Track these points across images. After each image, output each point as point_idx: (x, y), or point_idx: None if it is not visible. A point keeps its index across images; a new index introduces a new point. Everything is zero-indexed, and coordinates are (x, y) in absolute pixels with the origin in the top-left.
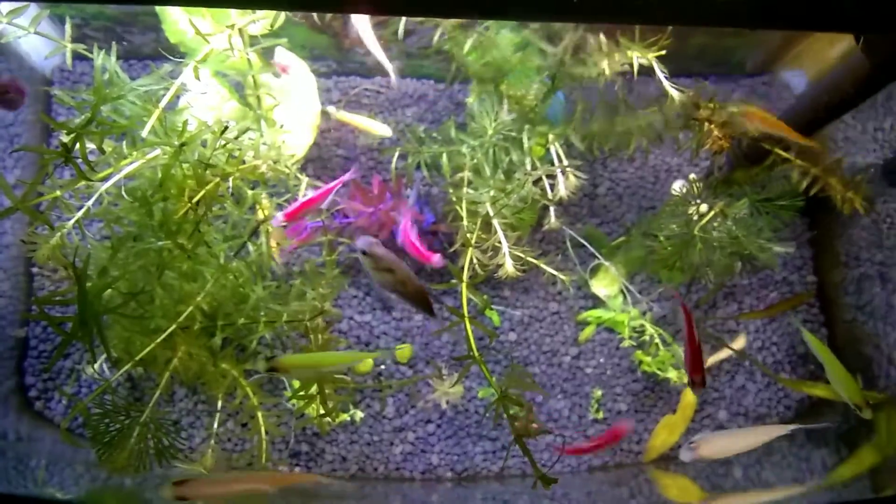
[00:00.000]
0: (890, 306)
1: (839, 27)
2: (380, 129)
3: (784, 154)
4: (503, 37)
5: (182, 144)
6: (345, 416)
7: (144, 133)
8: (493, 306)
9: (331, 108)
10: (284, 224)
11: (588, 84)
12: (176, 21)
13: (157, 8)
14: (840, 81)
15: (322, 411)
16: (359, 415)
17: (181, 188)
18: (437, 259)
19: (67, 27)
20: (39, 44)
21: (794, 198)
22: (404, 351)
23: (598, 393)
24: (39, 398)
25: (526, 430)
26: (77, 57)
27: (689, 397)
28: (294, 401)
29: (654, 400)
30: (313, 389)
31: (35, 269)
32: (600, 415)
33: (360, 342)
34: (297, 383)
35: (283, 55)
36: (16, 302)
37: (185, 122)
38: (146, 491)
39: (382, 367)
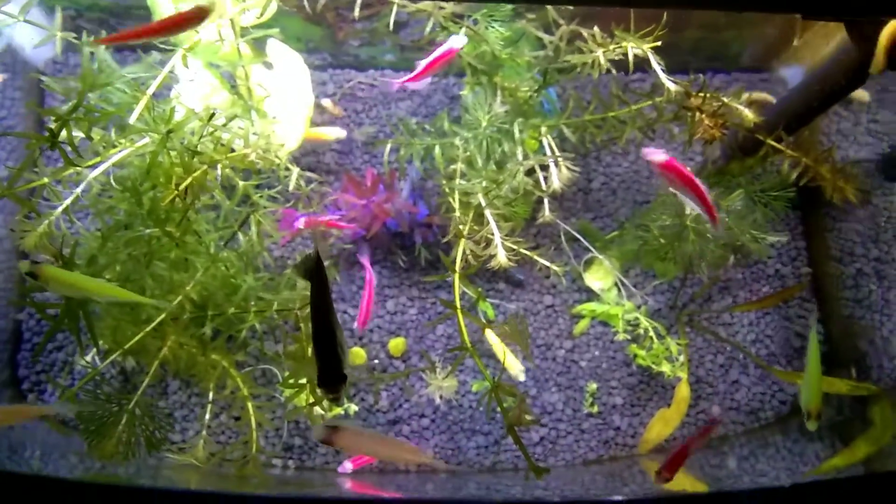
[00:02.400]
0: (886, 300)
1: (828, 12)
2: (334, 132)
3: (776, 145)
4: (494, 31)
5: (169, 131)
6: (338, 410)
7: (132, 120)
8: (487, 299)
9: (325, 102)
10: None
11: (581, 78)
12: (166, 12)
13: None
14: (832, 71)
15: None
16: (353, 408)
17: (169, 176)
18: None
19: (57, 15)
20: (32, 36)
21: (785, 189)
22: (398, 345)
23: (593, 386)
24: (32, 390)
25: (518, 420)
26: (70, 50)
27: (683, 392)
28: (286, 392)
29: (649, 394)
30: (303, 379)
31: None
32: (595, 409)
33: (354, 336)
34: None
35: (275, 47)
36: (8, 294)
37: (173, 110)
38: (140, 480)
39: (376, 360)
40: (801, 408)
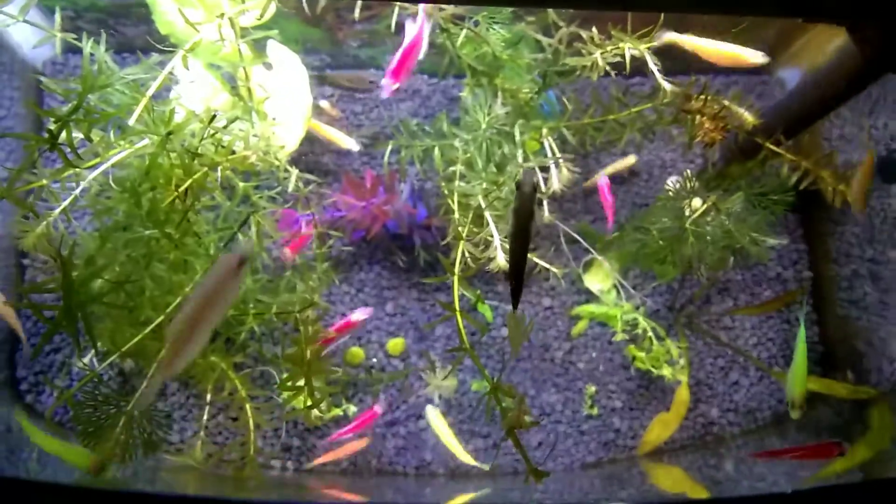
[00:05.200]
0: (883, 303)
1: (829, 15)
2: (347, 142)
3: (775, 148)
4: (494, 32)
5: (169, 133)
6: (338, 411)
7: (132, 122)
8: (486, 301)
9: (323, 103)
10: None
11: (581, 81)
12: (166, 12)
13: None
14: (832, 75)
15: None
16: (352, 409)
17: (168, 177)
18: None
19: (57, 16)
20: (31, 36)
21: (785, 192)
22: (397, 345)
23: (592, 389)
24: (30, 391)
25: (518, 422)
26: (70, 50)
27: (682, 395)
28: (283, 393)
29: (648, 398)
30: (301, 381)
31: (26, 262)
32: (594, 411)
33: (353, 336)
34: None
35: (274, 48)
36: (7, 294)
37: (172, 111)
38: (138, 483)
39: (374, 360)
40: (787, 397)
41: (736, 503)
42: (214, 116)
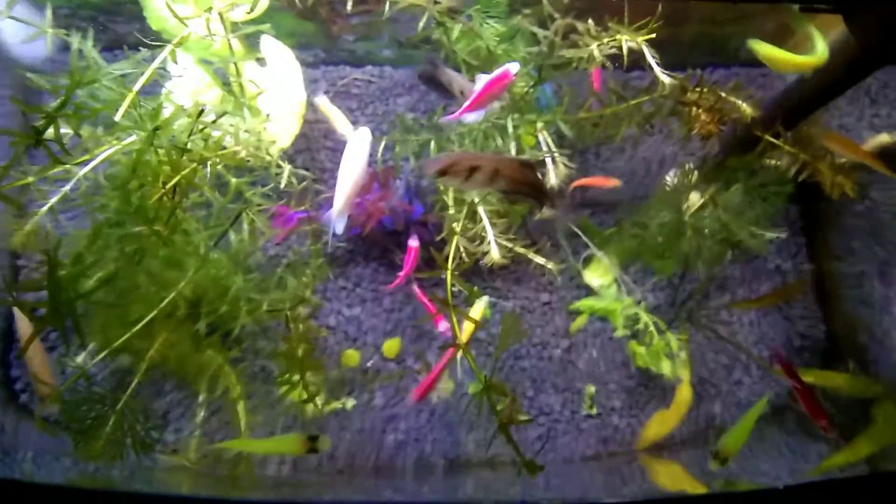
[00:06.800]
0: (886, 296)
1: (825, 3)
2: (343, 125)
3: (774, 140)
4: (489, 27)
5: (156, 128)
6: (336, 404)
7: (118, 117)
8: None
9: (319, 99)
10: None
11: (578, 75)
12: (157, 8)
13: None
14: (831, 65)
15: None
16: (350, 403)
17: (156, 174)
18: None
19: (48, 12)
20: (23, 33)
21: (783, 184)
22: (392, 346)
23: (592, 389)
24: (25, 390)
25: (510, 419)
26: (64, 47)
27: (683, 394)
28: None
29: (648, 397)
30: (296, 377)
31: (20, 262)
32: (594, 410)
33: (349, 337)
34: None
35: (268, 43)
36: (1, 294)
37: (160, 106)
38: (135, 483)
39: (370, 363)
40: (718, 446)
41: (739, 499)
42: (202, 111)
